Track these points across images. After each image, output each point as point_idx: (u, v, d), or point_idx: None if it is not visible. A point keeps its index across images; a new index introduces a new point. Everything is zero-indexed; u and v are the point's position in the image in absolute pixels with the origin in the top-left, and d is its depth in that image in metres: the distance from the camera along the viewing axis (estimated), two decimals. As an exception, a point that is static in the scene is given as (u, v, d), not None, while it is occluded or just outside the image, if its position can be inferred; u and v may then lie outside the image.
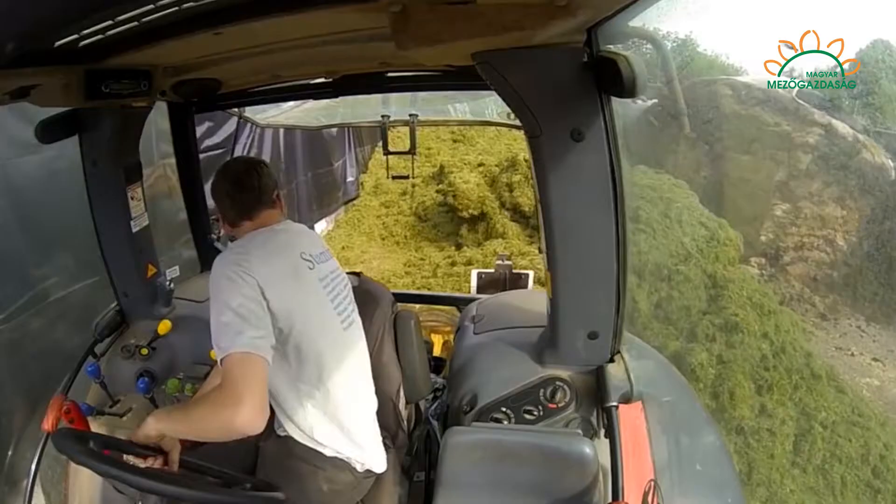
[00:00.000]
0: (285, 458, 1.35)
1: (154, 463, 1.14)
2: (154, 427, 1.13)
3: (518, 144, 9.17)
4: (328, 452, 1.35)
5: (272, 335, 1.18)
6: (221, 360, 1.11)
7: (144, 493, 1.32)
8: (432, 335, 2.97)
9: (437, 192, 9.24)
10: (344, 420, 1.34)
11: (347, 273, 1.55)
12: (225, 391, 1.08)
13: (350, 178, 8.93)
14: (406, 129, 2.64)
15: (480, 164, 9.37)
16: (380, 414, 1.50)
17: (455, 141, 10.84)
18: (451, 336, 3.03)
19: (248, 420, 1.05)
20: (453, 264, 7.85)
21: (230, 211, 1.40)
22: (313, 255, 1.38)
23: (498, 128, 9.00)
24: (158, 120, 2.29)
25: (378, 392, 1.51)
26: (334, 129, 7.23)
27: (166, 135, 2.11)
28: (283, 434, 1.37)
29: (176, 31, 1.08)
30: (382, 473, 1.49)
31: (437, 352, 2.82)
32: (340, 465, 1.36)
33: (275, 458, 1.37)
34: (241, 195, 1.38)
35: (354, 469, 1.38)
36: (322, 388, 1.31)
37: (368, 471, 1.41)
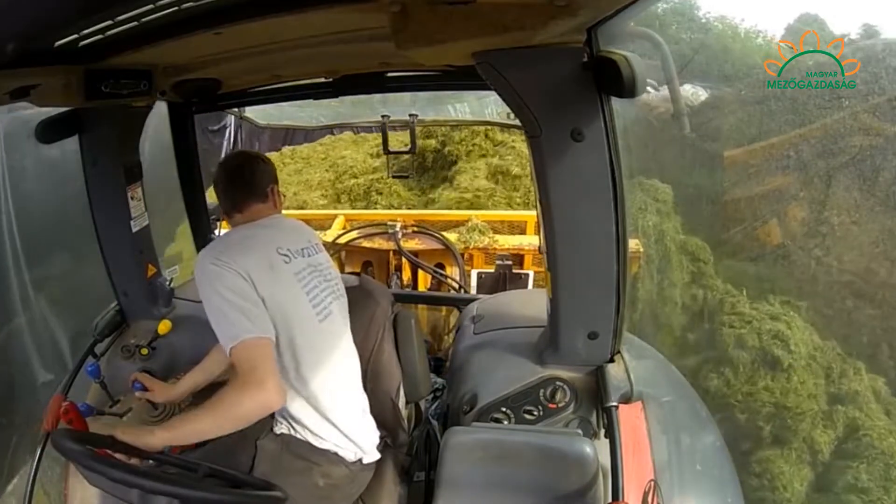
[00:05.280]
0: (281, 455, 1.37)
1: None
2: (162, 438, 1.15)
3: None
4: (319, 443, 1.36)
5: (266, 316, 1.24)
6: (231, 348, 1.16)
7: (145, 494, 1.32)
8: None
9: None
10: (325, 408, 1.36)
11: (348, 273, 1.55)
12: (244, 377, 1.14)
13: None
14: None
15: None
16: (380, 413, 1.51)
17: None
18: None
19: (274, 398, 1.14)
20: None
21: (224, 202, 1.46)
22: (292, 249, 1.40)
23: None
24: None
25: (378, 391, 1.51)
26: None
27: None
28: (279, 432, 1.39)
29: (176, 31, 1.09)
30: (382, 473, 1.49)
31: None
32: (334, 458, 1.38)
33: (271, 456, 1.38)
34: (233, 187, 1.43)
35: (346, 460, 1.39)
36: (299, 377, 1.33)
37: (361, 461, 1.42)
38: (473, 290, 3.17)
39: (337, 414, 1.38)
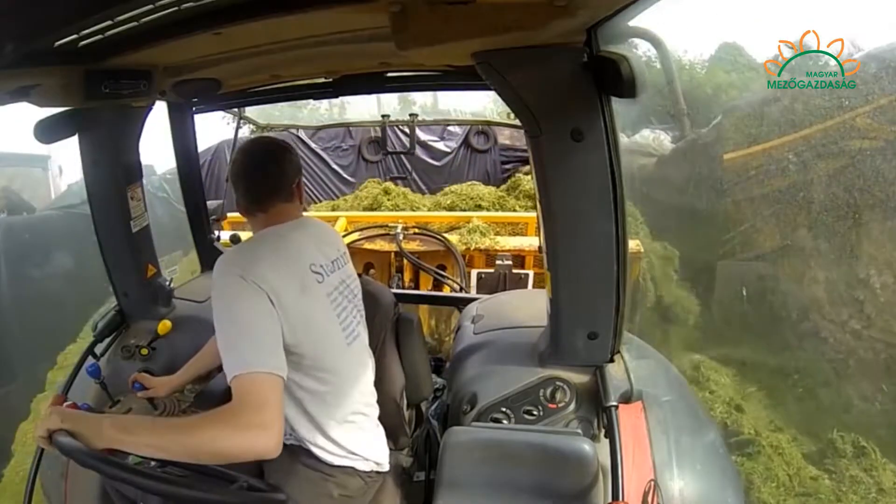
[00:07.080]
0: (294, 463, 1.34)
1: None
2: (111, 439, 1.00)
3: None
4: (334, 461, 1.33)
5: (283, 350, 1.14)
6: (237, 376, 1.03)
7: (145, 494, 1.32)
8: None
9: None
10: (345, 431, 1.33)
11: None
12: (248, 415, 1.00)
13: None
14: None
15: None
16: (383, 417, 1.50)
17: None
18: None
19: (274, 445, 1.00)
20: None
21: (244, 197, 1.32)
22: (324, 264, 1.33)
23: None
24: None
25: (381, 394, 1.50)
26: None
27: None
28: (289, 442, 1.34)
29: (176, 31, 1.09)
30: (385, 475, 1.49)
31: None
32: (350, 472, 1.35)
33: (284, 465, 1.34)
34: (257, 183, 1.30)
35: (362, 472, 1.37)
36: (324, 403, 1.29)
37: (375, 472, 1.41)
38: (473, 291, 3.17)
39: (355, 435, 1.35)
